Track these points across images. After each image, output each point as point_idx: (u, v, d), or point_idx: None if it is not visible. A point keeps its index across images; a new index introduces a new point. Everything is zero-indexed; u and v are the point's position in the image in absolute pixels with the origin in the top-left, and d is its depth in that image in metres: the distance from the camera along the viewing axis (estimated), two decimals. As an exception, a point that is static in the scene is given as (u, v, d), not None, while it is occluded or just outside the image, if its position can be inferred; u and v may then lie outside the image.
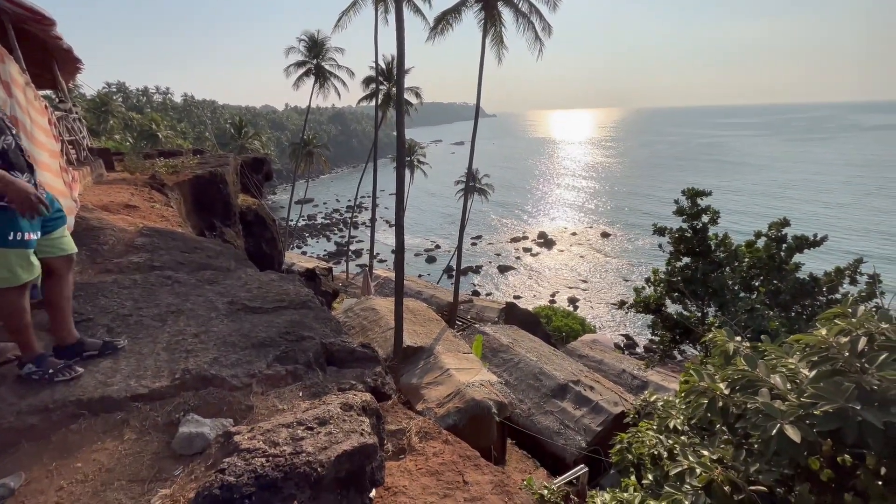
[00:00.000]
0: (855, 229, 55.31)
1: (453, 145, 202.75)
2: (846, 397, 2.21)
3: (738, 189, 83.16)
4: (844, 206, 66.56)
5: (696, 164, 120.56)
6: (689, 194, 10.90)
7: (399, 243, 11.45)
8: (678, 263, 11.09)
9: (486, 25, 17.67)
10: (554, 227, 69.60)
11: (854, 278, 9.94)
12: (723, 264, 10.45)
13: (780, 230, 10.71)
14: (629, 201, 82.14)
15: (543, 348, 16.96)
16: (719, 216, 10.83)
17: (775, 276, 10.68)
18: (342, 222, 77.18)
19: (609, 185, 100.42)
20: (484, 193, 44.73)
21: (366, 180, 38.80)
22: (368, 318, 14.51)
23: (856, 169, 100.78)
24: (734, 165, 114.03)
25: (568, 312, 33.79)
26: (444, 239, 65.15)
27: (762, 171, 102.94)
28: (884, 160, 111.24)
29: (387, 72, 33.40)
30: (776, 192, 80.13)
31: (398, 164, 10.72)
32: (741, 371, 2.83)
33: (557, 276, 50.89)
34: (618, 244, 60.08)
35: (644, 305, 11.04)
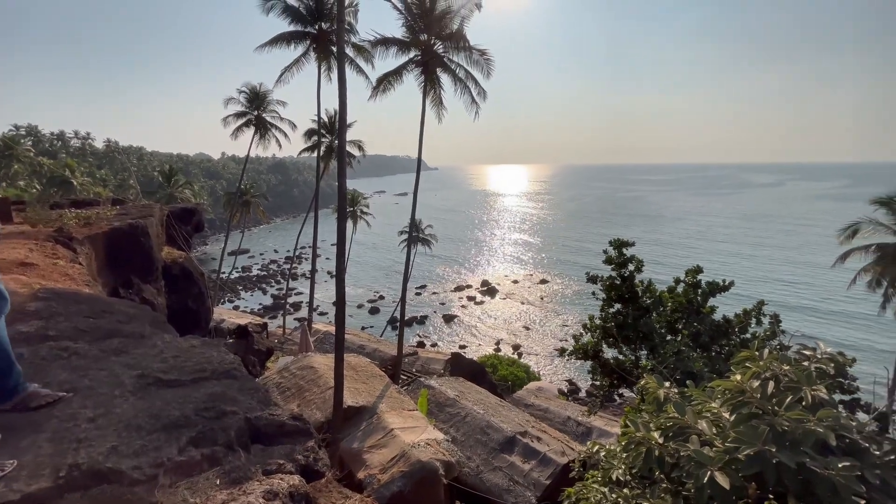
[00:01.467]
0: (754, 275, 62.50)
1: (397, 196, 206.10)
2: (763, 440, 2.37)
3: (658, 239, 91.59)
4: (745, 256, 75.31)
5: (620, 216, 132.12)
6: (615, 244, 11.76)
7: (340, 296, 11.07)
8: (610, 310, 11.71)
9: (426, 88, 18.81)
10: (496, 275, 71.47)
11: (759, 319, 11.05)
12: (650, 309, 11.19)
13: (695, 276, 11.78)
14: (564, 250, 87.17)
15: (490, 399, 16.73)
16: (643, 264, 11.71)
17: (695, 318, 11.60)
18: (280, 274, 73.73)
19: (545, 234, 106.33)
20: (427, 243, 45.28)
21: (306, 230, 37.88)
22: (306, 378, 13.56)
23: (749, 220, 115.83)
24: (653, 217, 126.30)
25: (513, 360, 34.01)
26: (388, 289, 64.20)
27: (677, 223, 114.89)
28: (769, 213, 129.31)
29: (329, 125, 33.91)
30: (689, 242, 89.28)
31: (339, 216, 10.62)
32: (672, 419, 2.96)
33: (501, 324, 51.57)
34: (556, 291, 62.68)
35: (583, 352, 11.40)
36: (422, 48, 18.53)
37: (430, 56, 18.26)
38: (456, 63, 18.70)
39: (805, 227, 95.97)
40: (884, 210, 19.39)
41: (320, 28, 24.14)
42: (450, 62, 18.64)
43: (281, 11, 23.75)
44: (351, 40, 24.25)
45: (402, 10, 17.97)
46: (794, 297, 52.72)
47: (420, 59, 18.60)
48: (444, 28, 17.75)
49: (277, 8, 23.77)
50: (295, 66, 25.89)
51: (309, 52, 25.28)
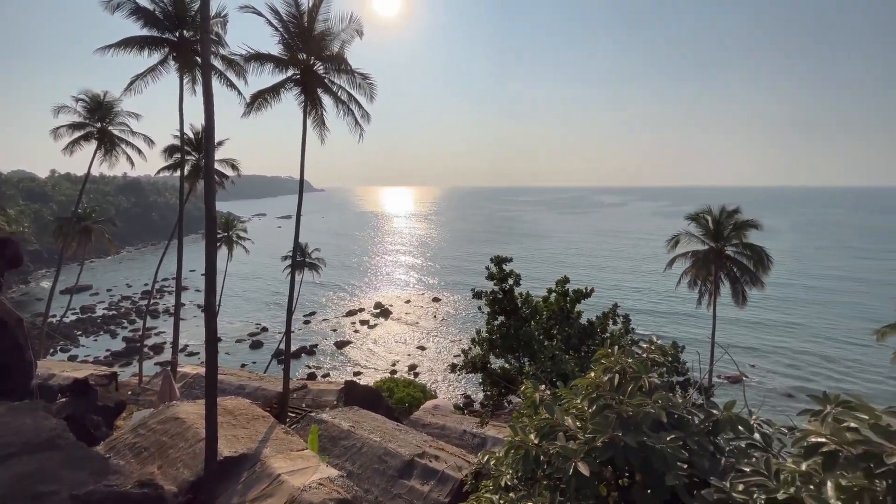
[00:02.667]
0: (610, 283, 72.71)
1: (279, 219, 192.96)
2: (613, 427, 2.75)
3: (532, 255, 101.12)
4: (602, 267, 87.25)
5: (500, 234, 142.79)
6: (496, 261, 12.66)
7: (210, 331, 9.83)
8: (495, 322, 12.48)
9: (306, 108, 18.18)
10: (389, 296, 70.95)
11: (615, 319, 12.83)
12: (528, 319, 12.22)
13: (563, 286, 13.25)
14: (454, 267, 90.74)
15: (387, 425, 16.32)
16: (521, 278, 12.78)
17: (566, 324, 13.00)
18: (135, 312, 62.77)
19: (435, 253, 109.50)
20: (315, 268, 43.08)
21: (169, 259, 33.06)
22: (170, 432, 11.61)
23: (603, 235, 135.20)
24: (528, 235, 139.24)
25: (409, 381, 33.82)
26: (271, 320, 59.10)
27: (547, 239, 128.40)
28: (618, 229, 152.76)
29: (196, 142, 30.50)
30: (558, 256, 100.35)
31: (208, 241, 9.52)
32: (544, 420, 3.25)
33: (397, 345, 51.11)
34: (449, 308, 64.59)
35: (472, 365, 11.90)
36: (301, 67, 17.95)
37: (310, 76, 17.77)
38: (338, 85, 18.49)
39: (645, 241, 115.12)
40: (694, 224, 24.57)
41: (181, 36, 21.79)
42: (331, 83, 18.35)
43: (130, 13, 20.84)
44: (220, 52, 22.36)
45: (278, 27, 17.24)
46: (643, 301, 62.54)
47: (299, 79, 17.96)
48: (324, 49, 17.49)
49: (126, 8, 20.81)
50: (150, 74, 22.85)
51: (168, 61, 22.58)
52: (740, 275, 23.25)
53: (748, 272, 23.08)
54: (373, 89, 18.19)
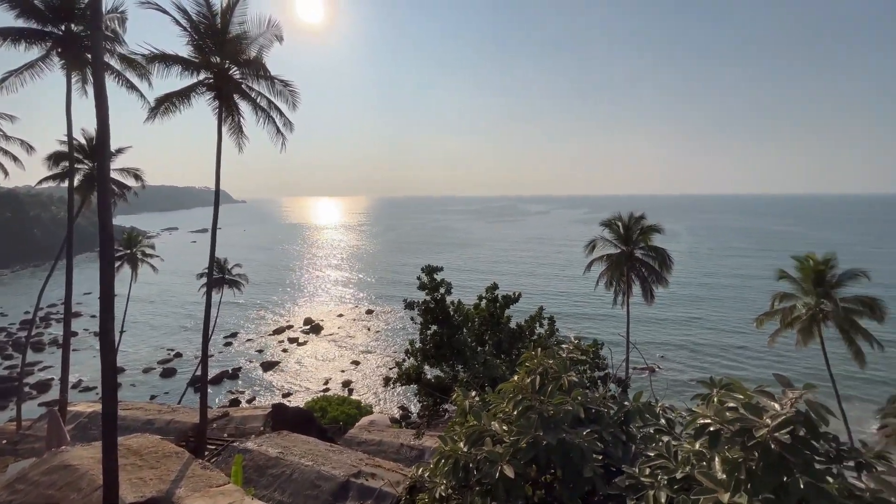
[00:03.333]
0: (537, 288, 76.44)
1: (194, 233, 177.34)
2: (534, 427, 2.88)
3: (465, 263, 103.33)
4: (529, 273, 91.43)
5: (432, 243, 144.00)
6: (427, 271, 12.72)
7: (108, 361, 8.67)
8: (428, 332, 12.51)
9: (221, 114, 16.98)
10: (320, 311, 68.12)
11: (541, 322, 13.47)
12: (460, 327, 12.40)
13: (493, 292, 13.66)
14: (388, 278, 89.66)
15: (319, 447, 15.53)
16: (452, 287, 12.96)
17: (497, 329, 13.40)
18: (11, 345, 53.68)
19: (368, 265, 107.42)
20: (236, 285, 40.11)
21: (56, 282, 28.84)
22: (59, 483, 10.01)
23: (530, 242, 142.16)
24: (460, 244, 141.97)
25: (343, 398, 32.62)
26: (186, 344, 53.82)
27: (478, 247, 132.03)
28: (544, 236, 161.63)
29: (89, 149, 27.10)
30: (489, 264, 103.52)
31: (102, 259, 8.44)
32: (472, 426, 3.31)
33: (329, 362, 49.08)
34: (384, 319, 63.50)
35: (406, 377, 11.78)
36: (214, 71, 16.76)
37: (225, 81, 16.63)
38: (257, 91, 17.51)
39: (567, 247, 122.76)
40: (608, 230, 26.83)
41: (68, 30, 19.29)
42: (249, 89, 17.34)
43: (1, 0, 18.05)
44: (116, 51, 20.14)
45: (186, 27, 15.96)
46: (567, 304, 66.47)
47: (212, 83, 16.74)
48: (241, 53, 16.51)
49: (-6, -6, 17.99)
50: (28, 71, 19.91)
51: (51, 58, 19.85)
52: (647, 275, 25.75)
53: (654, 272, 25.64)
54: (295, 97, 17.51)
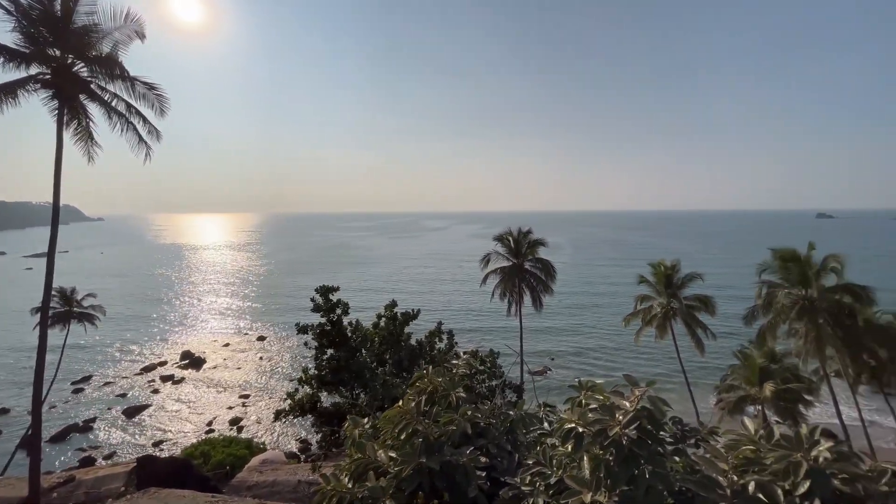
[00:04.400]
0: (438, 303, 78.04)
1: (29, 258, 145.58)
2: (418, 453, 2.81)
3: (366, 281, 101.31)
4: (432, 290, 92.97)
5: (331, 262, 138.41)
6: (321, 291, 12.08)
7: None
8: (324, 356, 11.82)
9: (62, 116, 14.24)
10: (201, 342, 60.44)
11: (440, 337, 13.64)
12: (359, 348, 11.96)
13: (392, 310, 13.49)
14: (283, 301, 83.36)
15: (199, 501, 13.52)
16: (349, 307, 12.48)
17: (397, 347, 13.21)
18: None
19: (259, 287, 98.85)
20: (89, 319, 33.70)
21: None
22: None
23: (431, 258, 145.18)
24: (361, 262, 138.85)
25: (231, 439, 29.09)
26: (17, 397, 43.33)
27: (379, 264, 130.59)
28: (444, 251, 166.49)
29: None
30: (391, 280, 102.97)
31: None
32: (356, 460, 3.11)
33: (213, 399, 43.55)
34: (276, 347, 58.67)
35: (300, 408, 10.94)
36: (52, 66, 14.05)
37: (67, 78, 14.01)
38: (111, 93, 15.10)
39: (466, 261, 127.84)
40: (500, 244, 28.63)
41: None
42: (101, 90, 14.86)
43: None
44: None
45: (9, 8, 13.16)
46: (469, 317, 68.83)
47: (49, 80, 13.99)
48: (88, 48, 14.09)
49: None
50: None
51: None
52: (536, 284, 27.97)
53: (541, 282, 27.96)
54: (163, 102, 15.52)
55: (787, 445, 2.33)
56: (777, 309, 22.98)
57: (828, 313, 21.80)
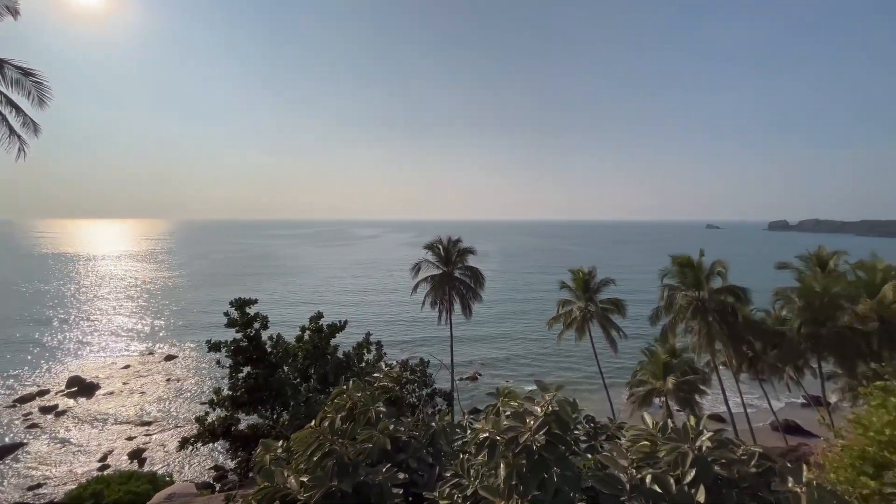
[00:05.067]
0: (370, 313, 76.43)
1: None
2: (330, 476, 2.65)
3: (292, 293, 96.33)
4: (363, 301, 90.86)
5: (253, 273, 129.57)
6: (237, 305, 11.20)
7: None
8: (240, 375, 10.95)
9: None
10: (94, 366, 53.04)
11: (368, 348, 13.30)
12: (280, 364, 11.23)
13: (317, 322, 12.89)
14: (194, 317, 76.10)
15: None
16: (269, 320, 11.71)
17: (322, 361, 12.63)
18: None
19: (168, 302, 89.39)
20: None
21: None
22: None
23: (361, 266, 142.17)
24: (286, 272, 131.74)
25: (130, 474, 25.63)
26: None
27: (307, 274, 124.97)
28: (375, 259, 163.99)
29: None
30: (319, 291, 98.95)
31: None
32: (263, 489, 2.86)
33: (107, 429, 38.31)
34: (187, 366, 53.34)
35: (210, 434, 9.97)
36: None
37: (-90, 56, 11.64)
38: (-28, 77, 12.80)
39: (398, 270, 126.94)
40: (430, 252, 28.85)
41: None
42: (-43, 73, 12.54)
43: None
44: None
45: None
46: (401, 325, 68.15)
47: None
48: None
49: None
50: None
51: None
52: (466, 292, 28.54)
53: (471, 290, 28.60)
54: (42, 90, 13.48)
55: (677, 437, 2.54)
56: (676, 309, 25.71)
57: (716, 312, 24.84)
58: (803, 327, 24.94)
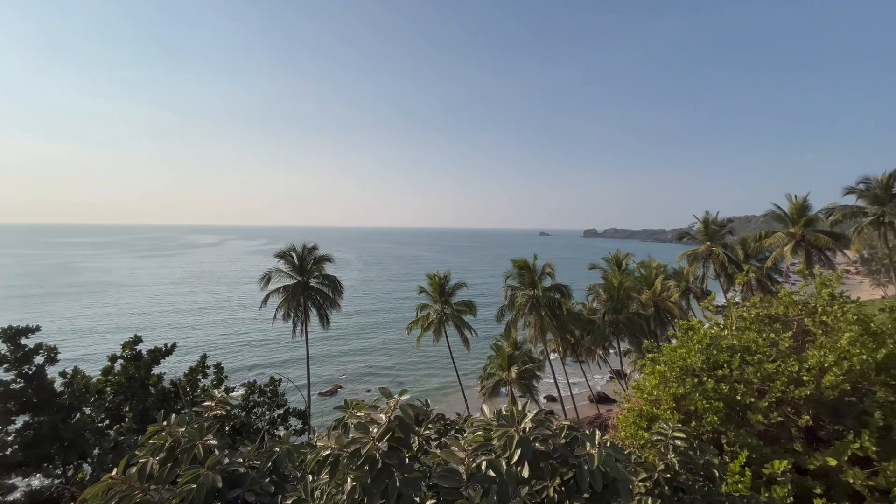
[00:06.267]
0: (210, 332, 67.11)
1: None
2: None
3: (100, 316, 77.96)
4: (200, 320, 78.92)
5: (36, 294, 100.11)
6: (7, 336, 8.60)
7: None
8: (12, 428, 8.39)
9: None
10: None
11: (205, 372, 11.60)
12: (76, 406, 8.97)
13: (133, 348, 10.70)
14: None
15: None
16: (58, 352, 9.28)
17: (142, 394, 10.50)
18: None
19: None
20: None
21: None
22: None
23: (198, 279, 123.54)
24: (91, 289, 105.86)
25: None
26: None
27: (121, 290, 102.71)
28: (215, 270, 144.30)
29: None
30: (139, 311, 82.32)
31: None
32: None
33: None
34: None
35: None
36: None
37: None
38: None
39: (246, 283, 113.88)
40: (283, 261, 26.78)
41: None
42: None
43: None
44: None
45: None
46: (250, 344, 61.20)
47: None
48: None
49: None
50: None
51: None
52: (323, 302, 27.27)
53: (328, 299, 27.45)
54: None
55: (506, 423, 2.86)
56: (517, 307, 29.18)
57: (547, 307, 28.99)
58: (607, 315, 30.94)
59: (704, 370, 5.40)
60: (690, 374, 5.37)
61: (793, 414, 4.84)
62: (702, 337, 5.74)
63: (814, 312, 5.89)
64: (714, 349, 5.53)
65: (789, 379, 4.93)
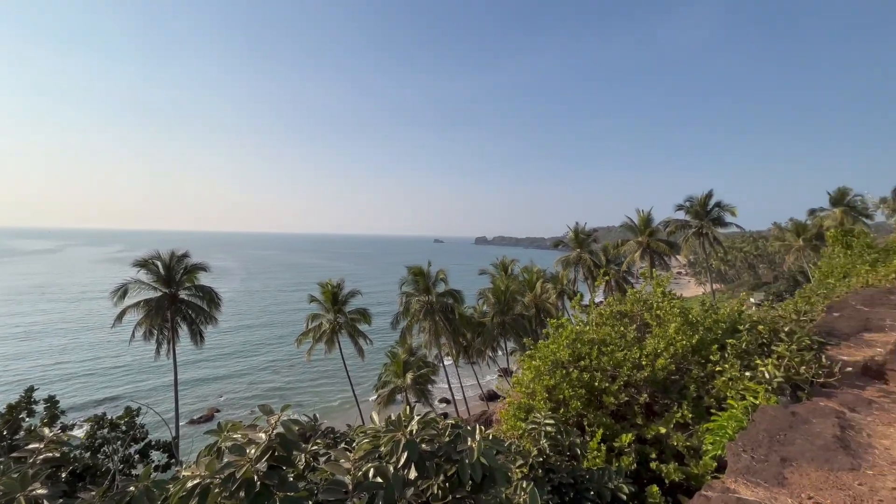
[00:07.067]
0: (40, 363, 54.84)
1: None
2: None
3: None
4: (28, 355, 63.99)
5: None
6: None
7: None
8: None
9: None
10: None
11: (31, 409, 9.47)
12: None
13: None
14: None
15: None
16: None
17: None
18: None
19: None
20: None
21: None
22: None
23: (22, 295, 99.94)
24: None
25: None
26: None
27: None
28: (50, 283, 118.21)
29: None
30: (-67, 332, 63.40)
31: None
32: None
33: None
34: None
35: None
36: None
37: None
38: None
39: (93, 298, 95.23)
40: (144, 270, 22.99)
41: None
42: None
43: None
44: None
45: None
46: (98, 369, 51.25)
47: None
48: None
49: None
50: None
51: None
52: (195, 316, 24.11)
53: (203, 312, 24.36)
54: None
55: (394, 428, 2.92)
56: (412, 313, 29.48)
57: (440, 312, 29.87)
58: (495, 317, 33.05)
59: (571, 362, 6.16)
60: (560, 366, 6.08)
61: (636, 394, 5.81)
62: (569, 333, 6.55)
63: (651, 308, 7.14)
64: (578, 343, 6.35)
65: (633, 364, 5.91)
